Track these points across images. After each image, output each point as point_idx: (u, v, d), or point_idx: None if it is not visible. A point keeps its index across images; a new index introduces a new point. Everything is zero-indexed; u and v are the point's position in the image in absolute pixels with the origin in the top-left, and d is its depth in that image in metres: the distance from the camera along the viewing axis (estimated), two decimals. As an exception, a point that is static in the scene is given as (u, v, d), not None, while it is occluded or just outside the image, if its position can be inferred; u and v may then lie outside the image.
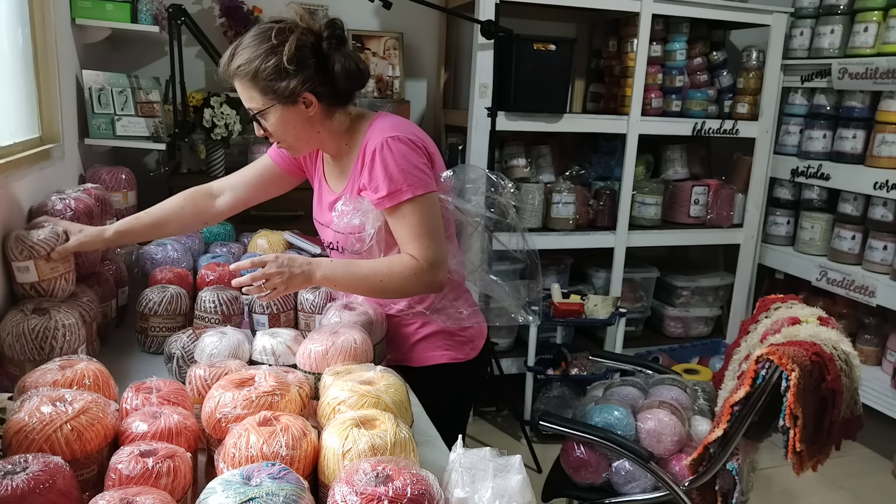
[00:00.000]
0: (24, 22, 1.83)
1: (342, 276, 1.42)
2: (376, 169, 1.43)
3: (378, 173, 1.43)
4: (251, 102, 1.44)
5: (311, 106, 1.44)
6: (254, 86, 1.41)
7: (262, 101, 1.42)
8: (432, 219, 1.44)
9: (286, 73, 1.38)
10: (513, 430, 3.15)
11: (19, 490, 0.81)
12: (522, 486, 0.91)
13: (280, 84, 1.39)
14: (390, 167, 1.42)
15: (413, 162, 1.44)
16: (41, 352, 1.29)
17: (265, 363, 1.34)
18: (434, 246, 1.43)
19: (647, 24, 3.04)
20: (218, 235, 2.21)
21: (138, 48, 2.93)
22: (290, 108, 1.42)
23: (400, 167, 1.42)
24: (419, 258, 1.43)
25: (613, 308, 2.98)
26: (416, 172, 1.43)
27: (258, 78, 1.39)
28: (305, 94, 1.41)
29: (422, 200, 1.43)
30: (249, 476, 0.84)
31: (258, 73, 1.38)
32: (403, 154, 1.43)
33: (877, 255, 3.01)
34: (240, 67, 1.40)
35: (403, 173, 1.42)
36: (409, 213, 1.43)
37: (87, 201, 1.61)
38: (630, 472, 1.85)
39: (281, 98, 1.40)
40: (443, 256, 1.45)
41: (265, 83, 1.39)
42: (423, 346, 1.62)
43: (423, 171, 1.45)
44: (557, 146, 3.41)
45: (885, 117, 2.94)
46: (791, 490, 2.82)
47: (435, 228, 1.45)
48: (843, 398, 1.51)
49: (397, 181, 1.42)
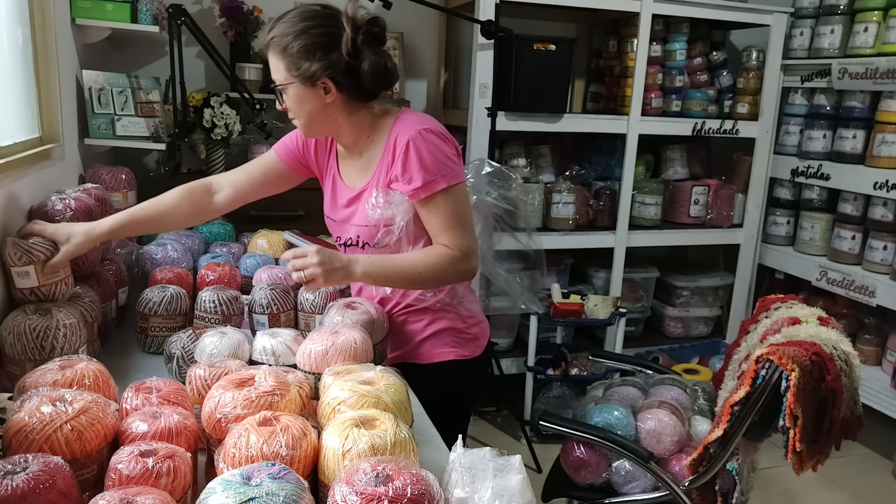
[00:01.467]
0: (24, 22, 1.83)
1: (381, 270, 1.46)
2: (411, 160, 1.46)
3: (413, 164, 1.46)
4: (276, 74, 1.49)
5: (330, 93, 1.47)
6: (281, 58, 1.45)
7: (285, 75, 1.47)
8: (464, 209, 1.50)
9: (312, 54, 1.42)
10: (513, 430, 3.15)
11: (19, 490, 0.81)
12: (522, 486, 0.91)
13: (304, 63, 1.43)
14: (425, 158, 1.45)
15: (446, 153, 1.48)
16: (41, 351, 1.29)
17: (265, 363, 1.34)
18: (467, 234, 1.49)
19: (647, 24, 3.04)
20: (218, 235, 2.21)
21: (138, 48, 2.93)
22: (308, 88, 1.46)
23: (435, 158, 1.46)
24: (453, 247, 1.47)
25: (613, 308, 2.98)
26: (448, 163, 1.48)
27: (286, 52, 1.44)
28: (325, 80, 1.45)
29: (454, 191, 1.48)
30: (249, 476, 0.84)
31: (287, 47, 1.43)
32: (437, 145, 1.47)
33: (877, 255, 3.01)
34: (273, 39, 1.46)
35: (438, 164, 1.46)
36: (442, 204, 1.47)
37: (87, 201, 1.61)
38: (630, 472, 1.85)
39: (301, 77, 1.45)
40: (474, 244, 1.51)
41: (291, 59, 1.44)
42: (431, 343, 1.63)
43: (455, 162, 1.50)
44: (557, 146, 3.41)
45: (885, 117, 2.94)
46: (791, 490, 2.82)
47: (466, 218, 1.50)
48: (843, 398, 1.51)
49: (432, 172, 1.45)
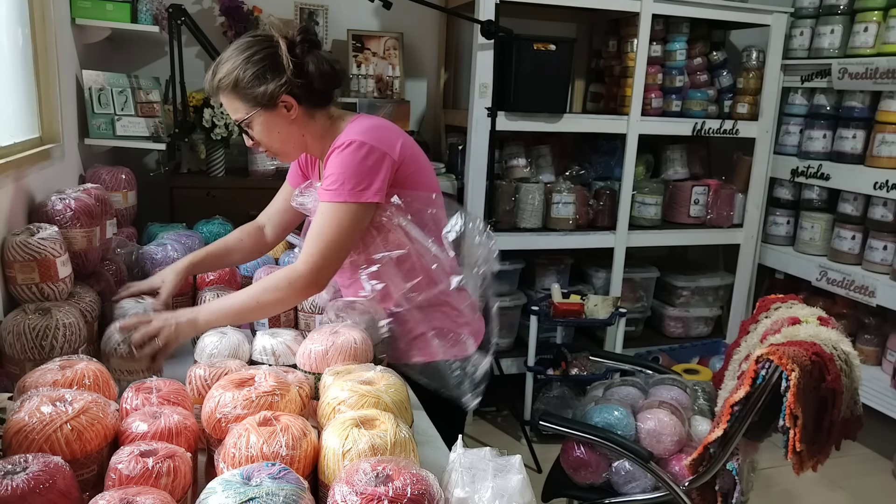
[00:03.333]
0: (24, 22, 1.83)
1: (221, 312, 1.44)
2: (332, 162, 1.47)
3: (330, 167, 1.47)
4: (236, 113, 1.50)
5: (292, 109, 1.48)
6: (236, 96, 1.47)
7: (245, 109, 1.48)
8: (342, 231, 1.44)
9: (263, 78, 1.44)
10: (513, 430, 3.15)
11: (19, 490, 0.81)
12: (522, 486, 0.91)
13: (258, 90, 1.44)
14: (341, 165, 1.44)
15: (362, 168, 1.44)
16: (41, 351, 1.29)
17: (265, 363, 1.34)
18: (325, 254, 1.43)
19: (647, 24, 3.04)
20: (218, 235, 2.20)
21: (138, 48, 2.93)
22: (271, 112, 1.48)
23: (349, 169, 1.44)
24: (300, 264, 1.44)
25: (613, 308, 2.98)
26: (359, 179, 1.44)
27: (238, 87, 1.45)
28: (284, 97, 1.46)
29: (349, 209, 1.43)
30: (249, 476, 0.84)
31: (238, 82, 1.45)
32: (354, 159, 1.44)
33: (877, 255, 3.01)
34: (221, 80, 1.47)
35: (346, 175, 1.43)
36: (326, 213, 1.45)
37: (86, 201, 1.61)
38: (630, 472, 1.85)
39: (262, 103, 1.46)
40: (328, 269, 1.45)
41: (245, 91, 1.45)
42: (419, 345, 1.61)
43: (371, 181, 1.45)
44: (557, 146, 3.41)
45: (885, 117, 2.94)
46: (791, 490, 2.82)
47: (337, 240, 1.44)
48: (843, 398, 1.51)
49: (339, 180, 1.44)
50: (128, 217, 2.17)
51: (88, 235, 1.59)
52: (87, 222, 1.58)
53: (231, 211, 2.48)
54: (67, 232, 1.54)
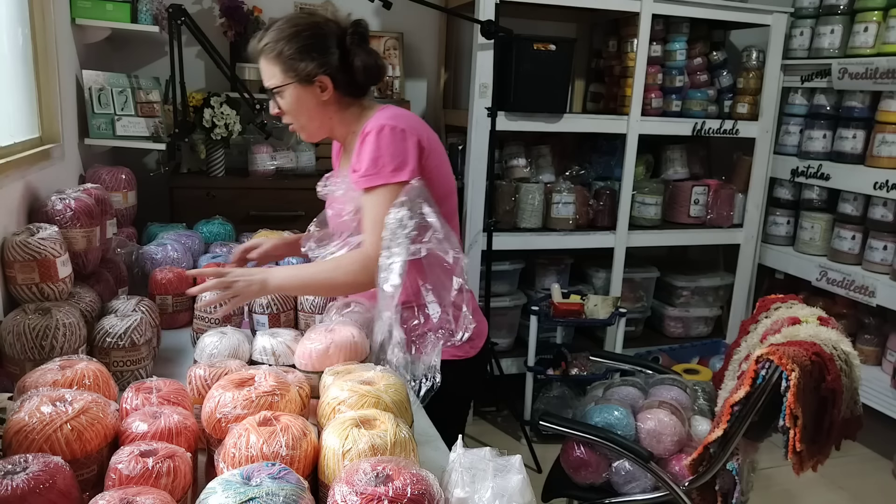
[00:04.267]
0: (24, 22, 1.83)
1: (293, 278, 1.50)
2: (364, 150, 1.50)
3: (364, 154, 1.49)
4: (271, 79, 1.54)
5: (326, 91, 1.53)
6: (276, 63, 1.51)
7: (281, 78, 1.52)
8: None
9: (307, 55, 1.50)
10: (513, 430, 3.15)
11: (19, 490, 0.81)
12: (522, 486, 0.91)
13: (300, 64, 1.50)
14: (376, 150, 1.48)
15: (399, 149, 1.48)
16: (41, 351, 1.29)
17: (265, 363, 1.34)
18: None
19: (647, 24, 3.04)
20: (218, 235, 2.21)
21: (138, 48, 2.92)
22: (305, 88, 1.52)
23: (386, 152, 1.47)
24: (370, 249, 1.46)
25: (613, 308, 2.98)
26: (398, 161, 1.48)
27: (281, 56, 1.50)
28: (321, 78, 1.51)
29: (388, 191, 1.47)
30: (249, 476, 0.84)
31: (282, 52, 1.50)
32: (390, 142, 1.48)
33: (877, 255, 3.01)
34: (266, 45, 1.52)
35: (385, 158, 1.47)
36: (374, 200, 1.48)
37: (86, 201, 1.61)
38: (630, 472, 1.85)
39: (299, 77, 1.51)
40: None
41: (287, 62, 1.50)
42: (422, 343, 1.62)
43: (407, 161, 1.49)
44: (557, 146, 3.41)
45: (885, 117, 2.94)
46: (791, 490, 2.82)
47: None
48: (843, 398, 1.51)
49: (378, 164, 1.47)
50: (128, 217, 2.17)
51: (88, 235, 1.59)
52: (87, 222, 1.58)
53: (231, 211, 2.48)
54: (67, 232, 1.54)
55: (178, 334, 1.70)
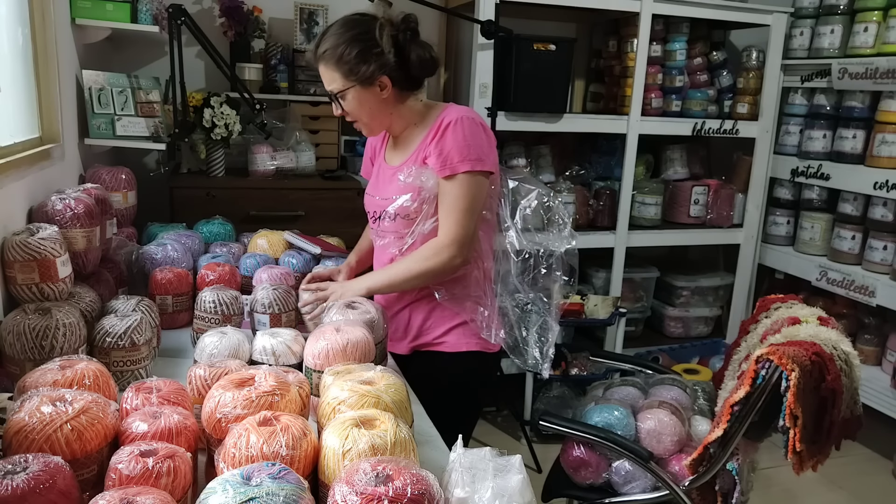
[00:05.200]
0: (24, 22, 1.83)
1: (380, 279, 1.63)
2: (447, 138, 1.56)
3: (447, 142, 1.55)
4: (332, 84, 1.59)
5: (386, 89, 1.58)
6: (337, 68, 1.56)
7: (342, 82, 1.57)
8: (474, 199, 1.56)
9: (367, 58, 1.54)
10: (513, 430, 3.15)
11: (19, 490, 0.81)
12: (522, 486, 0.91)
13: (361, 67, 1.54)
14: (459, 139, 1.54)
15: (479, 141, 1.56)
16: (41, 351, 1.28)
17: (265, 363, 1.34)
18: (464, 224, 1.55)
19: (647, 24, 3.04)
20: (218, 235, 2.21)
21: (138, 48, 2.93)
22: (367, 89, 1.57)
23: (467, 142, 1.54)
24: (443, 235, 1.55)
25: (613, 308, 2.98)
26: (479, 151, 1.55)
27: (342, 61, 1.54)
28: (381, 78, 1.56)
29: (474, 177, 1.54)
30: (249, 476, 0.84)
31: (342, 56, 1.54)
32: (474, 131, 1.56)
33: (877, 255, 3.01)
34: (326, 51, 1.56)
35: (468, 148, 1.54)
36: (457, 185, 1.54)
37: (87, 201, 1.61)
38: (630, 472, 1.85)
39: (360, 80, 1.55)
40: (468, 235, 1.56)
41: (347, 66, 1.55)
42: (459, 333, 1.67)
43: (486, 152, 1.57)
44: (557, 146, 3.41)
45: (885, 117, 2.94)
46: (791, 490, 2.82)
47: (472, 208, 1.56)
48: (843, 398, 1.51)
49: (462, 152, 1.54)
50: (128, 217, 2.16)
51: (88, 235, 1.59)
52: (87, 222, 1.58)
53: (231, 211, 2.48)
54: (67, 232, 1.54)
55: (178, 334, 1.70)
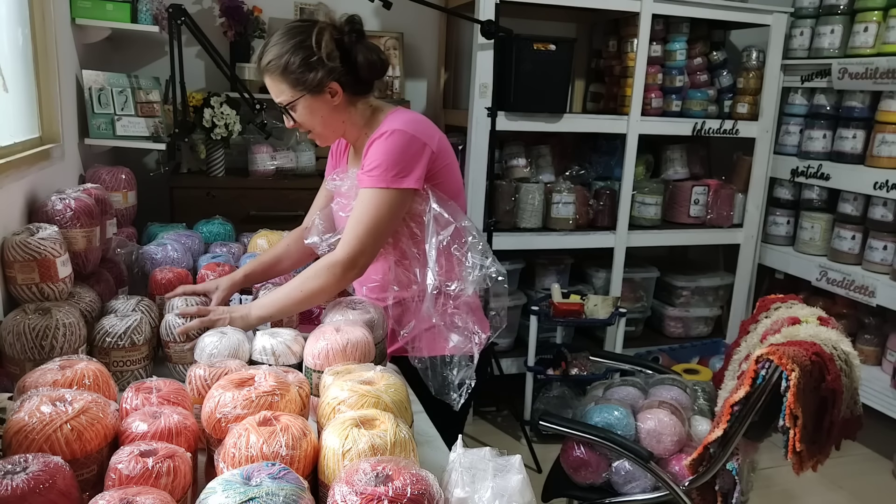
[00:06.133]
0: (24, 22, 1.83)
1: (272, 305, 1.51)
2: (371, 150, 1.51)
3: (370, 155, 1.51)
4: (281, 96, 1.54)
5: (336, 95, 1.53)
6: (284, 79, 1.51)
7: (291, 93, 1.52)
8: (381, 217, 1.49)
9: (313, 65, 1.49)
10: (513, 430, 3.15)
11: (19, 490, 0.81)
12: (522, 486, 0.91)
13: (308, 76, 1.49)
14: (381, 152, 1.49)
15: (406, 157, 1.49)
16: (41, 351, 1.28)
17: (265, 363, 1.34)
18: (363, 241, 1.49)
19: (647, 24, 3.04)
20: (218, 235, 2.21)
21: (138, 48, 2.93)
22: (317, 98, 1.53)
23: (391, 157, 1.48)
24: (339, 250, 1.49)
25: (613, 308, 2.98)
26: (401, 167, 1.48)
27: (288, 71, 1.50)
28: (331, 84, 1.51)
29: (386, 195, 1.48)
30: (249, 476, 0.84)
31: (287, 66, 1.49)
32: (402, 146, 1.49)
33: (877, 255, 3.01)
34: (270, 63, 1.51)
35: (389, 163, 1.48)
36: (366, 199, 1.49)
37: (86, 201, 1.61)
38: (630, 472, 1.85)
39: (309, 89, 1.51)
40: (363, 254, 1.50)
41: (294, 76, 1.50)
42: (432, 336, 1.63)
43: (411, 168, 1.49)
44: (557, 146, 3.41)
45: (885, 117, 2.94)
46: (791, 490, 2.82)
47: (376, 226, 1.49)
48: (843, 398, 1.51)
49: (382, 167, 1.48)
50: (128, 217, 2.17)
51: (88, 235, 1.59)
52: (87, 222, 1.58)
53: (231, 211, 2.48)
54: (67, 232, 1.54)
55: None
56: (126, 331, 1.38)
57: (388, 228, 1.52)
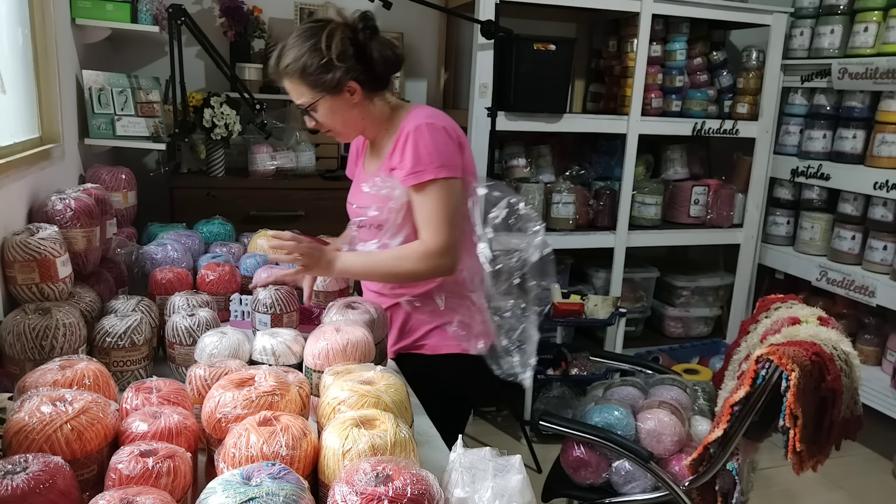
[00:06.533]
0: (24, 22, 1.83)
1: (358, 266, 1.57)
2: (407, 149, 1.52)
3: (408, 153, 1.51)
4: (301, 98, 1.55)
5: (355, 93, 1.54)
6: (302, 81, 1.52)
7: (311, 94, 1.53)
8: (450, 205, 1.51)
9: (331, 65, 1.49)
10: (513, 430, 3.15)
11: (19, 490, 0.81)
12: (522, 486, 0.91)
13: (326, 77, 1.50)
14: (420, 148, 1.50)
15: (442, 147, 1.52)
16: (41, 351, 1.29)
17: (265, 363, 1.34)
18: (447, 231, 1.50)
19: (647, 24, 3.04)
20: (218, 235, 2.21)
21: (138, 48, 2.93)
22: (336, 97, 1.53)
23: (428, 150, 1.50)
24: (429, 242, 1.50)
25: (613, 308, 2.98)
26: (443, 157, 1.51)
27: (306, 74, 1.50)
28: (349, 84, 1.52)
29: (444, 184, 1.50)
30: (249, 476, 0.84)
31: (305, 69, 1.50)
32: (434, 138, 1.52)
33: (877, 255, 3.01)
34: (288, 66, 1.52)
35: (430, 156, 1.50)
36: (429, 195, 1.50)
37: (86, 201, 1.61)
38: (630, 472, 1.85)
39: (328, 89, 1.52)
40: (454, 243, 1.52)
41: (313, 78, 1.51)
42: (438, 335, 1.65)
43: (451, 158, 1.53)
44: (557, 146, 3.41)
45: (885, 117, 2.94)
46: (791, 490, 2.82)
47: (451, 215, 1.51)
48: (843, 398, 1.51)
49: (424, 161, 1.50)
50: (128, 217, 2.17)
51: (88, 235, 1.59)
52: (87, 222, 1.58)
53: (231, 211, 2.48)
54: (67, 232, 1.54)
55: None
56: (126, 331, 1.38)
57: (459, 215, 1.54)
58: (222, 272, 1.78)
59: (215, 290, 1.74)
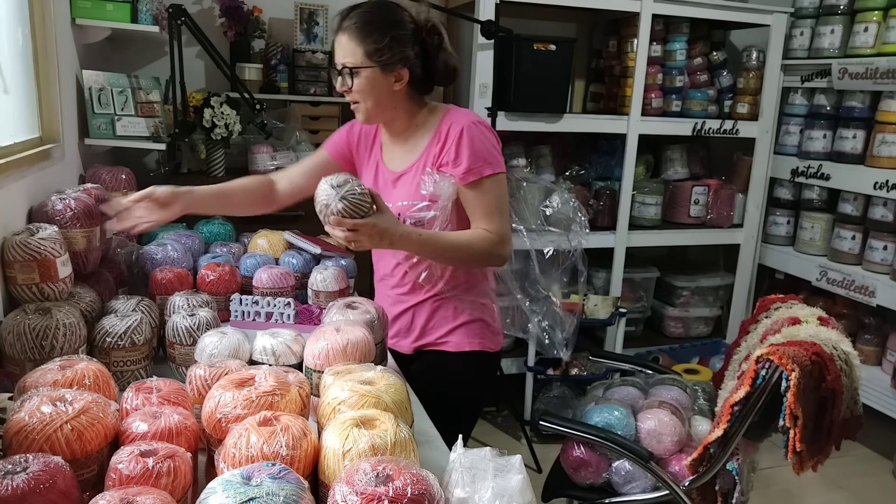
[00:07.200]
0: (24, 22, 1.83)
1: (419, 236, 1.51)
2: (463, 146, 1.56)
3: (464, 150, 1.56)
4: (349, 57, 1.54)
5: (401, 81, 1.57)
6: (360, 43, 1.52)
7: (362, 59, 1.53)
8: (503, 197, 1.60)
9: (393, 45, 1.52)
10: (513, 430, 3.15)
11: (19, 490, 0.81)
12: (522, 486, 0.91)
13: (385, 52, 1.52)
14: (476, 146, 1.56)
15: (492, 144, 1.59)
16: (41, 351, 1.28)
17: (265, 363, 1.34)
18: (504, 221, 1.58)
19: (647, 24, 3.04)
20: (218, 235, 2.21)
21: (138, 48, 2.92)
22: (383, 75, 1.55)
23: (483, 147, 1.57)
24: (492, 231, 1.56)
25: (613, 308, 2.98)
26: (494, 153, 1.59)
27: (368, 39, 1.51)
28: (401, 70, 1.55)
29: (497, 179, 1.58)
30: (249, 476, 0.84)
31: (370, 35, 1.51)
32: (485, 136, 1.59)
33: (877, 255, 3.01)
34: (355, 23, 1.52)
35: (485, 152, 1.57)
36: (486, 189, 1.56)
37: (87, 201, 1.60)
38: (630, 472, 1.85)
39: (381, 63, 1.53)
40: (509, 233, 1.60)
41: (373, 46, 1.52)
42: (462, 333, 1.67)
43: (499, 154, 1.61)
44: (557, 146, 3.41)
45: (885, 117, 2.94)
46: (791, 490, 2.82)
47: (505, 207, 1.60)
48: (843, 398, 1.51)
49: (480, 158, 1.56)
50: (128, 217, 2.16)
51: (88, 235, 1.59)
52: (87, 222, 1.58)
53: (231, 211, 2.47)
54: (67, 232, 1.54)
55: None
56: (126, 331, 1.38)
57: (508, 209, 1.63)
58: (222, 272, 1.78)
59: (215, 290, 1.74)
